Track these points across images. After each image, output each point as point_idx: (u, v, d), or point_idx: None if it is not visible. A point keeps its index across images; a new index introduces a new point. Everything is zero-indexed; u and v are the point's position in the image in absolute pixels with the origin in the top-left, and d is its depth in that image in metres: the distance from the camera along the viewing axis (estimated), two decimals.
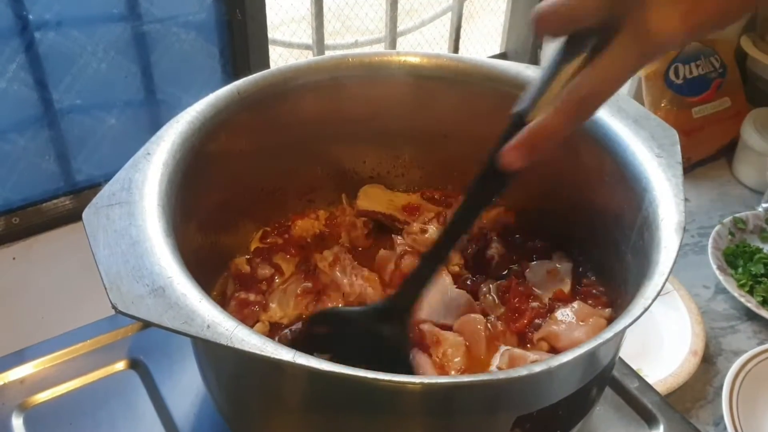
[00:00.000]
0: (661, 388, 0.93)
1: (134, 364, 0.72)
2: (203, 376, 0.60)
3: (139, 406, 0.68)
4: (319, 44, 1.29)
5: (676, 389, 0.95)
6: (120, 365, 0.72)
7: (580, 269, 0.70)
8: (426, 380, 0.44)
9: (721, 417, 0.91)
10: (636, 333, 1.02)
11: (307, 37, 1.33)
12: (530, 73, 0.71)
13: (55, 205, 1.14)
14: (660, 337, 1.02)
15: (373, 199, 0.77)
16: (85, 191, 1.15)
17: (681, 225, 0.55)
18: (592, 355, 0.50)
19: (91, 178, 1.15)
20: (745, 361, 0.96)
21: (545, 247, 0.72)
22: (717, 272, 1.10)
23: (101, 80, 1.08)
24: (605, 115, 0.65)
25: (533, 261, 0.71)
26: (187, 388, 0.69)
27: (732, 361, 0.98)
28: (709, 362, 1.01)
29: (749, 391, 0.94)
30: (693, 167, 1.39)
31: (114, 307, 0.46)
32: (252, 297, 0.66)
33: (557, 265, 0.69)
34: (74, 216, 1.13)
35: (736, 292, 1.08)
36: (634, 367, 0.97)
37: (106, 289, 0.47)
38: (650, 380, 0.94)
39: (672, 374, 0.95)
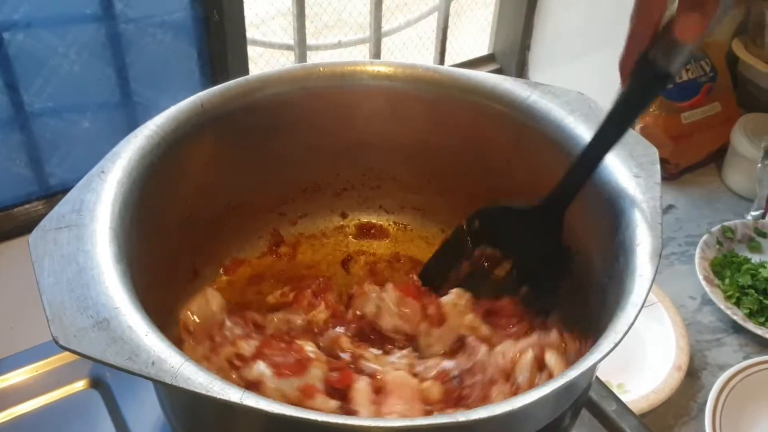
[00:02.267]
0: (644, 405, 0.91)
1: (96, 383, 0.69)
2: (161, 405, 0.57)
3: (99, 429, 0.66)
4: (301, 44, 1.26)
5: (659, 405, 0.93)
6: (80, 384, 0.69)
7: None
8: (381, 423, 0.42)
9: None
10: (618, 347, 1.00)
11: (288, 37, 1.30)
12: (508, 85, 0.68)
13: (27, 210, 1.11)
14: (643, 351, 1.00)
15: None
16: (58, 196, 1.13)
17: (657, 252, 0.52)
18: (561, 392, 0.48)
19: (64, 182, 1.13)
20: (730, 376, 0.94)
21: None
22: (703, 283, 1.08)
23: (74, 82, 1.06)
24: (584, 131, 0.63)
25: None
26: (149, 409, 0.66)
27: (717, 376, 0.96)
28: (693, 377, 0.99)
29: (733, 407, 0.92)
30: (682, 173, 1.37)
31: (55, 341, 0.44)
32: None
33: None
34: None
35: (722, 304, 1.06)
36: (616, 383, 0.96)
37: (48, 321, 0.45)
38: (632, 396, 0.93)
39: (655, 390, 0.93)
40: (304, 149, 0.72)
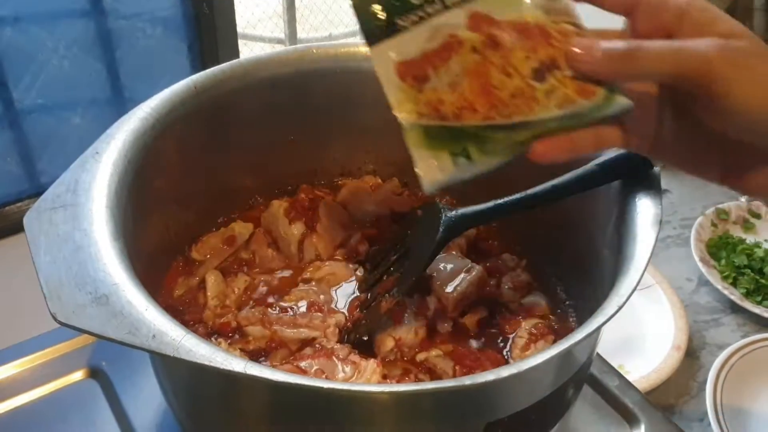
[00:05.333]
0: (644, 384, 0.91)
1: (95, 374, 0.69)
2: (161, 386, 0.57)
3: (98, 419, 0.65)
4: (292, 38, 1.26)
5: (660, 385, 0.93)
6: (79, 374, 0.68)
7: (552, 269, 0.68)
8: (386, 389, 0.41)
9: (706, 412, 0.88)
10: (617, 328, 0.99)
11: (279, 31, 1.30)
12: None
13: (20, 207, 1.11)
14: (642, 332, 1.00)
15: None
16: None
17: (658, 218, 0.52)
18: (564, 357, 0.48)
19: (56, 179, 1.12)
20: (729, 354, 0.94)
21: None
22: (700, 264, 1.08)
23: (64, 78, 1.05)
24: None
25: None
26: (149, 397, 0.66)
27: (716, 355, 0.96)
28: (692, 356, 0.99)
29: (733, 385, 0.92)
30: None
31: (54, 317, 0.43)
32: None
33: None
34: None
35: (719, 285, 1.06)
36: (616, 364, 0.95)
37: (45, 298, 0.44)
38: (633, 376, 0.92)
39: (655, 370, 0.93)
40: (299, 131, 0.72)
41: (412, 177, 0.75)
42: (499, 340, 0.63)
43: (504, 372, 0.41)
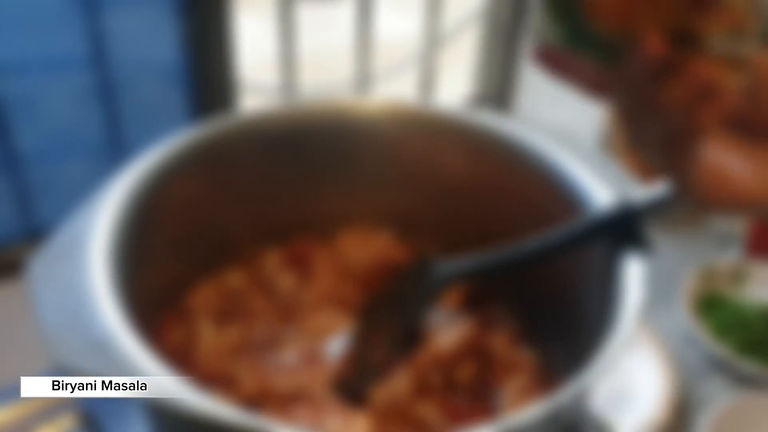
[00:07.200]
0: None
1: (86, 422, 0.68)
2: None
3: None
4: (290, 89, 1.29)
5: None
6: (68, 423, 0.68)
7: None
8: None
9: None
10: (606, 383, 1.00)
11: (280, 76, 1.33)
12: (500, 123, 0.70)
13: (15, 252, 1.11)
14: (629, 388, 1.00)
15: None
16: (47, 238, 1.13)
17: (645, 275, 0.54)
18: (554, 413, 0.48)
19: (53, 225, 1.13)
20: (718, 412, 0.95)
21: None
22: (688, 320, 1.09)
23: (64, 127, 1.07)
24: (572, 166, 0.64)
25: None
26: None
27: (704, 413, 0.96)
28: (681, 414, 0.99)
29: None
30: None
31: (51, 364, 0.44)
32: None
33: None
34: None
35: (708, 341, 1.07)
36: (604, 419, 0.95)
37: (45, 343, 0.45)
38: None
39: (644, 425, 0.93)
40: (295, 183, 0.73)
41: (407, 229, 0.79)
42: (488, 394, 0.63)
43: (493, 427, 0.42)
